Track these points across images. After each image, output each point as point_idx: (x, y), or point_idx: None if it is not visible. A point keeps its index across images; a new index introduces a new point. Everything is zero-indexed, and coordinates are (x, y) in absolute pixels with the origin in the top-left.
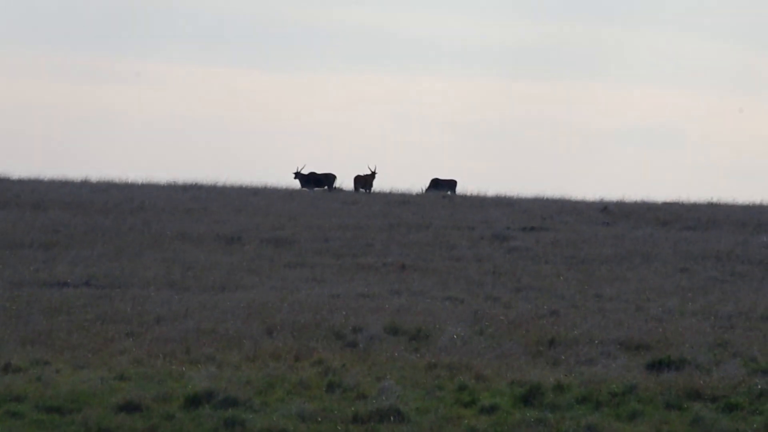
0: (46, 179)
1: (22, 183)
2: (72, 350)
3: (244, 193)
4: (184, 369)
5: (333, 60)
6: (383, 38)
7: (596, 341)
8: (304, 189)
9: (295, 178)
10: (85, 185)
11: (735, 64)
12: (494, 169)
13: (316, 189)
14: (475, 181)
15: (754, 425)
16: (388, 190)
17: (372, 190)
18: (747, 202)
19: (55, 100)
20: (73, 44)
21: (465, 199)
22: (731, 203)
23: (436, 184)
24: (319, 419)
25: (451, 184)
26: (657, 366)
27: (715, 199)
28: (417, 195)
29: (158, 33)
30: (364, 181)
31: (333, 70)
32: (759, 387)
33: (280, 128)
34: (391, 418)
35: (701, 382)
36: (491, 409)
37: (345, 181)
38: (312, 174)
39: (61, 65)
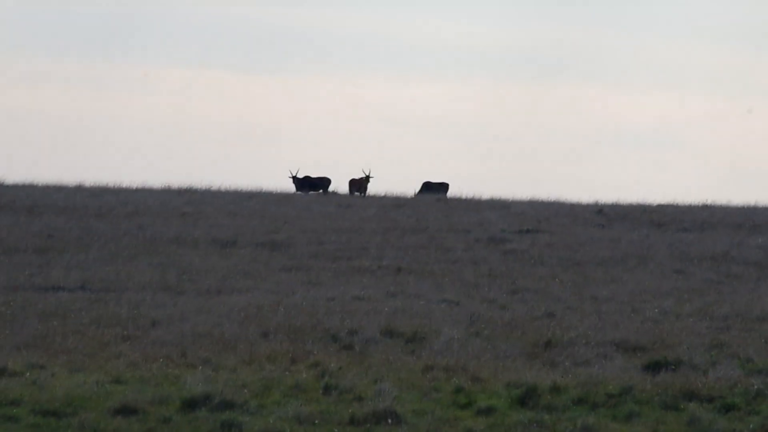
0: (40, 184)
1: (16, 188)
2: (68, 354)
3: (238, 197)
4: (180, 372)
5: (327, 64)
6: (377, 42)
7: (592, 343)
8: (299, 192)
9: (294, 182)
10: (79, 190)
11: (730, 67)
12: (489, 172)
13: (311, 192)
14: (470, 183)
15: (751, 425)
16: (383, 194)
17: (367, 194)
18: (742, 204)
19: (49, 105)
20: (67, 50)
21: (460, 201)
22: (726, 205)
23: (428, 187)
24: (316, 422)
25: (443, 187)
26: (653, 367)
27: (710, 201)
28: (412, 198)
29: (152, 37)
30: (358, 185)
31: (327, 74)
32: (755, 387)
33: (274, 132)
34: (388, 420)
35: (698, 382)
36: (488, 411)
37: (340, 185)
38: (307, 178)
39: (55, 71)
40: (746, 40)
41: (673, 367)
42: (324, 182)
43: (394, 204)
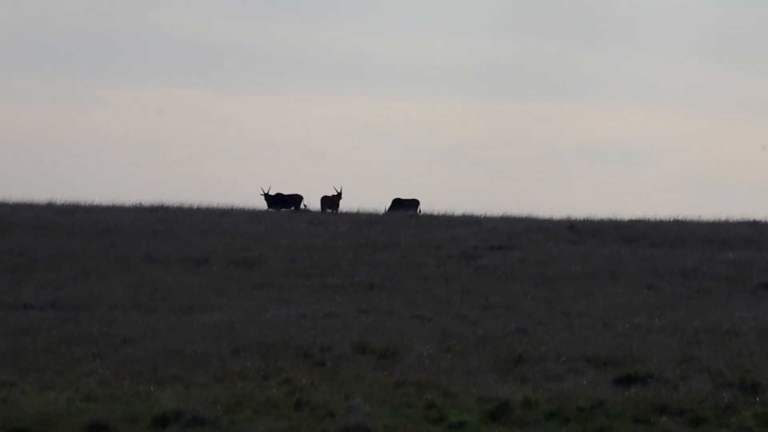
0: (10, 202)
1: None
2: (38, 372)
3: (210, 215)
4: (151, 389)
5: (298, 81)
6: (348, 59)
7: (564, 358)
8: (270, 210)
9: (265, 199)
10: (50, 208)
11: (700, 83)
12: (461, 188)
13: (283, 210)
14: (442, 200)
15: None
16: (355, 211)
17: (338, 211)
18: (712, 219)
19: (19, 122)
20: (39, 67)
21: (432, 218)
22: (697, 220)
23: (398, 204)
24: None
25: (413, 203)
26: (625, 381)
27: (680, 217)
28: (384, 215)
29: (123, 56)
30: (330, 202)
31: (299, 91)
32: (725, 401)
33: (245, 149)
34: None
35: (668, 396)
36: (459, 426)
37: (312, 202)
38: (278, 195)
39: (26, 88)
40: (718, 55)
41: (644, 381)
42: (295, 199)
43: (366, 221)
